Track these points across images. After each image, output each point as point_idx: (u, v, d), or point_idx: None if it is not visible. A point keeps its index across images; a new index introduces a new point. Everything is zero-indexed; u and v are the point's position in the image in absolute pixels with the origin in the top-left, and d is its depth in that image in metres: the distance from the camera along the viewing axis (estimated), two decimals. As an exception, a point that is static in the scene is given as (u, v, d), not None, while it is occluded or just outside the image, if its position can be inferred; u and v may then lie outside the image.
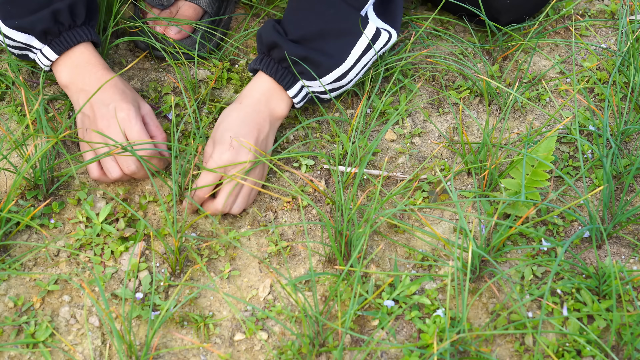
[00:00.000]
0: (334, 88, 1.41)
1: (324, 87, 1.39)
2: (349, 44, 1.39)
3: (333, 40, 1.38)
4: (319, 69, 1.37)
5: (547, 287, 1.14)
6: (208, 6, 1.59)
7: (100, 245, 1.32)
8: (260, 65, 1.38)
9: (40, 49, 1.37)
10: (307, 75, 1.38)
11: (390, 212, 1.27)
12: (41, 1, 1.34)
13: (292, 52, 1.35)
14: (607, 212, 1.36)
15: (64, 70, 1.37)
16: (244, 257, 1.32)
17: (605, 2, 1.76)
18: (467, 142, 1.41)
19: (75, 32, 1.37)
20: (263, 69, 1.38)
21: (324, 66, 1.37)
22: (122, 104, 1.33)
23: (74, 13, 1.36)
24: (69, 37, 1.36)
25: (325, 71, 1.38)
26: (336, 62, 1.38)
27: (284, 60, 1.36)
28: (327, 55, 1.37)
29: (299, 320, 1.24)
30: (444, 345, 1.11)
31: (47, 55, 1.37)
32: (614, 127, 1.48)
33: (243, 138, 1.31)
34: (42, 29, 1.34)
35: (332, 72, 1.38)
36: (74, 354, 1.20)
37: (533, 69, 1.62)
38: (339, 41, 1.38)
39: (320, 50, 1.37)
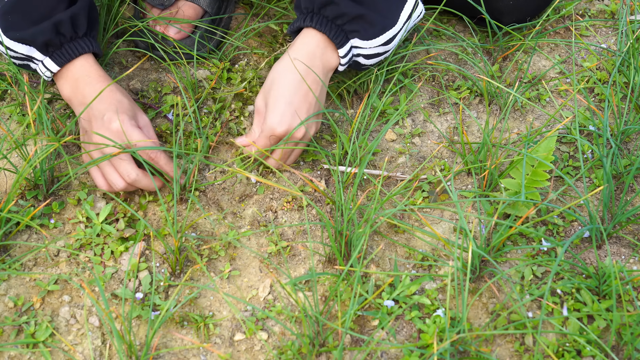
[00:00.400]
0: (378, 53, 1.40)
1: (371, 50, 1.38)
2: (399, 5, 1.38)
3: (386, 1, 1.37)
4: (374, 29, 1.36)
5: (547, 287, 1.14)
6: (208, 6, 1.59)
7: (100, 245, 1.32)
8: (312, 23, 1.35)
9: (41, 61, 1.36)
10: (361, 34, 1.36)
11: (390, 212, 1.27)
12: (43, 12, 1.33)
13: (349, 10, 1.33)
14: (607, 212, 1.36)
15: (66, 85, 1.37)
16: (244, 257, 1.32)
17: (605, 2, 1.76)
18: (467, 142, 1.41)
19: (77, 43, 1.36)
20: (315, 26, 1.35)
21: (378, 26, 1.36)
22: (115, 114, 1.31)
23: (76, 24, 1.35)
24: (70, 49, 1.35)
25: (380, 31, 1.36)
26: (390, 22, 1.37)
27: (338, 17, 1.34)
28: (381, 15, 1.36)
29: (299, 320, 1.24)
30: (444, 345, 1.11)
31: (49, 67, 1.36)
32: (614, 127, 1.48)
33: (297, 106, 1.32)
34: (44, 40, 1.33)
35: (385, 33, 1.37)
36: (74, 354, 1.20)
37: (533, 69, 1.62)
38: (390, 2, 1.37)
39: (375, 10, 1.35)
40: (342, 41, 1.36)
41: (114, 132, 1.31)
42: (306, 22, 1.36)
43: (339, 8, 1.34)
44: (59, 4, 1.34)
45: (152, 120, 1.50)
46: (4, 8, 1.32)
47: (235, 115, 1.50)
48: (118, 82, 1.52)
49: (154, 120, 1.50)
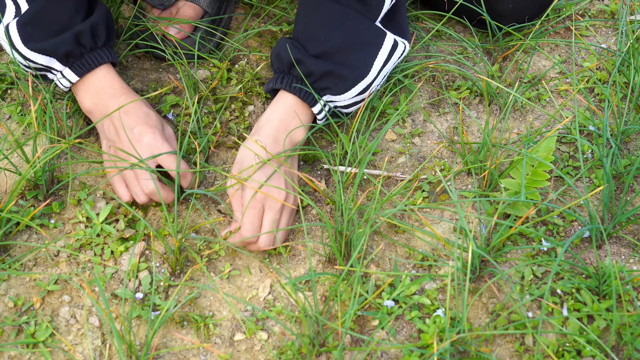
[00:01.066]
0: (356, 102, 1.38)
1: (347, 101, 1.37)
2: (371, 55, 1.36)
3: (355, 52, 1.35)
4: (345, 83, 1.34)
5: (547, 287, 1.14)
6: (208, 6, 1.59)
7: (100, 246, 1.32)
8: (282, 84, 1.35)
9: (60, 71, 1.36)
10: (332, 90, 1.35)
11: (390, 212, 1.27)
12: (62, 23, 1.33)
13: (317, 68, 1.33)
14: (607, 212, 1.36)
15: (87, 96, 1.36)
16: (244, 257, 1.32)
17: (605, 2, 1.76)
18: (467, 142, 1.41)
19: (97, 53, 1.36)
20: (285, 88, 1.34)
21: (350, 79, 1.34)
22: (146, 127, 1.32)
23: (95, 34, 1.35)
24: (90, 59, 1.35)
25: (352, 84, 1.35)
26: (361, 73, 1.35)
27: (308, 76, 1.33)
28: (351, 68, 1.34)
29: (299, 320, 1.24)
30: (444, 345, 1.11)
31: (68, 77, 1.36)
32: (614, 127, 1.48)
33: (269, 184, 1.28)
34: (65, 51, 1.33)
35: (357, 85, 1.35)
36: (74, 354, 1.20)
37: (533, 69, 1.62)
38: (362, 52, 1.35)
39: (344, 64, 1.34)
40: (314, 100, 1.35)
41: (145, 145, 1.31)
42: (277, 84, 1.36)
43: (306, 67, 1.33)
44: (77, 15, 1.34)
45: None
46: (23, 19, 1.32)
47: (235, 115, 1.50)
48: None
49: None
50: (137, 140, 1.31)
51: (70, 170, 1.35)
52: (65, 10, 1.33)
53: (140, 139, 1.31)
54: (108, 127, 1.35)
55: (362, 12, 1.35)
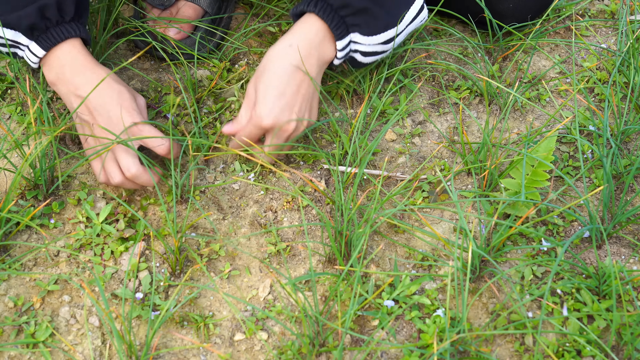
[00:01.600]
0: (376, 51, 1.36)
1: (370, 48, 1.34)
2: (405, 5, 1.34)
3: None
4: (376, 25, 1.32)
5: (547, 287, 1.14)
6: (208, 6, 1.59)
7: (100, 245, 1.32)
8: (316, 9, 1.30)
9: (27, 46, 1.34)
10: (361, 28, 1.32)
11: (390, 212, 1.27)
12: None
13: (355, 1, 1.29)
14: (607, 212, 1.36)
15: (51, 71, 1.34)
16: (244, 257, 1.32)
17: (605, 2, 1.76)
18: (467, 142, 1.41)
19: (64, 27, 1.33)
20: (318, 13, 1.30)
21: (382, 22, 1.32)
22: (124, 112, 1.31)
23: (62, 9, 1.33)
24: (56, 32, 1.33)
25: (383, 28, 1.32)
26: (394, 20, 1.33)
27: (342, 7, 1.29)
28: (386, 11, 1.32)
29: (299, 320, 1.24)
30: (444, 345, 1.11)
31: (34, 52, 1.34)
32: (614, 127, 1.48)
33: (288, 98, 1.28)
34: (29, 24, 1.31)
35: (387, 32, 1.33)
36: (74, 354, 1.20)
37: (533, 69, 1.62)
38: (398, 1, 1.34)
39: (380, 4, 1.31)
40: (342, 33, 1.31)
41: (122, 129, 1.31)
42: (309, 7, 1.31)
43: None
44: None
45: (152, 121, 1.50)
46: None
47: (235, 116, 1.50)
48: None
49: (153, 121, 1.50)
50: (115, 124, 1.31)
51: (58, 163, 1.34)
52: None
53: (118, 124, 1.31)
54: (81, 110, 1.33)
55: None
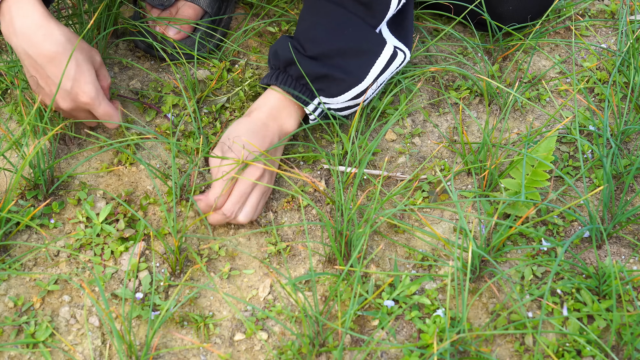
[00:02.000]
0: (349, 106, 1.40)
1: (340, 105, 1.38)
2: (368, 63, 1.37)
3: (353, 59, 1.36)
4: (339, 87, 1.36)
5: (547, 287, 1.14)
6: (208, 6, 1.59)
7: (100, 245, 1.32)
8: (277, 82, 1.36)
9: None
10: (325, 92, 1.36)
11: (390, 212, 1.27)
12: None
13: (312, 69, 1.34)
14: (607, 212, 1.36)
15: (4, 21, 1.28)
16: (244, 257, 1.32)
17: (605, 2, 1.76)
18: (467, 142, 1.41)
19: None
20: (280, 85, 1.36)
21: (344, 84, 1.35)
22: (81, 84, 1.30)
23: None
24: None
25: (346, 88, 1.36)
26: (356, 80, 1.36)
27: (302, 77, 1.35)
28: (347, 73, 1.35)
29: (299, 320, 1.24)
30: (444, 345, 1.11)
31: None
32: (614, 127, 1.48)
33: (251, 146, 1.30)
34: None
35: (351, 90, 1.36)
36: (74, 354, 1.20)
37: (533, 69, 1.62)
38: (359, 60, 1.36)
39: (340, 68, 1.35)
40: (307, 99, 1.36)
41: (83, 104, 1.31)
42: (271, 79, 1.37)
43: (302, 68, 1.34)
44: None
45: (152, 120, 1.50)
46: None
47: (235, 116, 1.50)
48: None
49: (154, 120, 1.50)
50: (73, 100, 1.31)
51: (44, 162, 1.35)
52: None
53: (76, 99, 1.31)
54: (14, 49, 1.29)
55: (365, 17, 1.35)
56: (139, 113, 1.51)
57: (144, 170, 1.42)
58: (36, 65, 1.29)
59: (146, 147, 1.46)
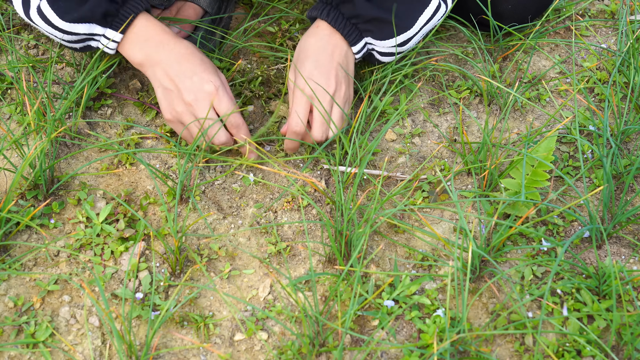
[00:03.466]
0: (392, 52, 1.42)
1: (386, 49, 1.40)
2: (418, 9, 1.39)
3: (405, 3, 1.37)
4: (388, 32, 1.37)
5: (547, 287, 1.14)
6: (208, 6, 1.59)
7: (100, 245, 1.32)
8: (328, 18, 1.37)
9: (102, 34, 1.36)
10: (375, 34, 1.38)
11: (390, 212, 1.27)
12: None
13: (366, 11, 1.35)
14: (607, 212, 1.36)
15: (135, 50, 1.36)
16: (244, 257, 1.32)
17: (605, 2, 1.76)
18: (467, 142, 1.41)
19: (130, 4, 1.35)
20: (331, 22, 1.37)
21: (392, 29, 1.37)
22: (206, 75, 1.33)
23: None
24: (126, 12, 1.35)
25: (394, 34, 1.38)
26: (405, 26, 1.38)
27: (354, 17, 1.36)
28: (397, 18, 1.37)
29: (299, 320, 1.24)
30: (444, 345, 1.11)
31: (112, 37, 1.35)
32: (614, 127, 1.48)
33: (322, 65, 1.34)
34: (102, 12, 1.33)
35: (400, 35, 1.38)
36: (74, 354, 1.20)
37: (533, 69, 1.62)
38: (411, 5, 1.38)
39: (391, 12, 1.36)
40: (355, 39, 1.38)
41: (206, 93, 1.33)
42: (323, 15, 1.38)
43: (355, 8, 1.35)
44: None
45: (152, 120, 1.50)
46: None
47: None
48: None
49: (154, 120, 1.50)
50: (198, 89, 1.32)
51: (44, 162, 1.35)
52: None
53: (201, 87, 1.32)
54: (161, 76, 1.35)
55: None
56: (139, 113, 1.51)
57: (144, 170, 1.42)
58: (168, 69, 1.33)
59: (147, 146, 1.46)
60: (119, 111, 1.51)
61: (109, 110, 1.51)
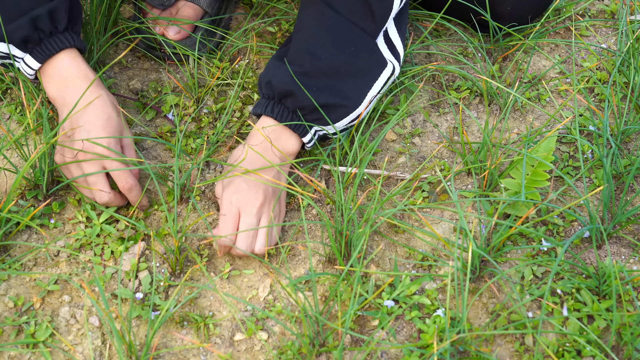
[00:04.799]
0: (346, 128, 1.38)
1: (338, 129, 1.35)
2: (366, 84, 1.34)
3: (351, 79, 1.32)
4: (337, 114, 1.33)
5: (547, 287, 1.14)
6: (208, 6, 1.59)
7: (100, 245, 1.32)
8: (273, 114, 1.32)
9: (22, 58, 1.32)
10: (323, 121, 1.33)
11: (390, 212, 1.27)
12: (20, 8, 1.28)
13: (309, 102, 1.30)
14: (607, 212, 1.36)
15: (51, 85, 1.32)
16: (244, 257, 1.32)
17: (605, 2, 1.76)
18: (467, 142, 1.42)
19: (58, 38, 1.31)
20: (276, 117, 1.32)
21: (343, 110, 1.33)
22: (102, 133, 1.28)
23: (55, 19, 1.30)
24: (50, 44, 1.30)
25: (343, 115, 1.34)
26: (354, 105, 1.33)
27: (300, 109, 1.31)
28: (345, 99, 1.32)
29: (299, 320, 1.24)
30: (444, 345, 1.11)
31: (30, 64, 1.32)
32: (614, 127, 1.48)
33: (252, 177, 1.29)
34: (22, 37, 1.28)
35: (349, 115, 1.34)
36: (74, 354, 1.20)
37: (533, 69, 1.62)
38: (357, 80, 1.33)
39: (339, 92, 1.32)
40: (304, 130, 1.33)
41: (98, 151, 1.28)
42: (266, 110, 1.33)
43: (298, 101, 1.30)
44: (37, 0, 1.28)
45: (152, 120, 1.50)
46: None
47: (236, 116, 1.50)
48: (116, 82, 1.52)
49: (154, 121, 1.50)
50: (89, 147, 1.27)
51: (45, 162, 1.34)
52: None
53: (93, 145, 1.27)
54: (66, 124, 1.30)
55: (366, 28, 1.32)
56: (139, 113, 1.51)
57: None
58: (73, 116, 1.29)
59: (147, 146, 1.46)
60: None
61: (109, 110, 1.51)
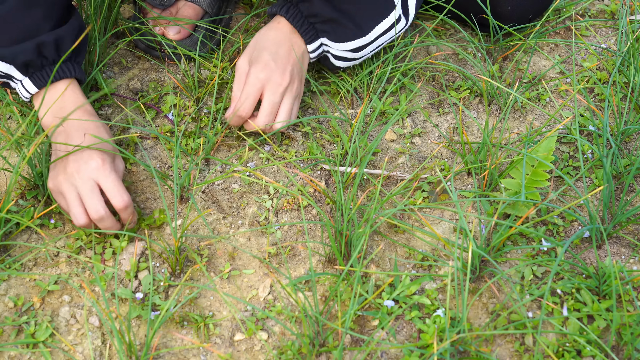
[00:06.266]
0: (346, 57, 1.43)
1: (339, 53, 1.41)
2: (377, 17, 1.40)
3: (365, 8, 1.39)
4: (343, 35, 1.39)
5: (547, 287, 1.14)
6: (208, 6, 1.59)
7: (100, 245, 1.32)
8: (287, 15, 1.39)
9: (20, 80, 1.32)
10: (330, 35, 1.40)
11: (390, 212, 1.27)
12: (27, 31, 1.28)
13: (323, 11, 1.37)
14: (607, 212, 1.36)
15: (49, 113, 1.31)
16: (244, 257, 1.32)
17: (605, 2, 1.76)
18: (467, 142, 1.42)
19: (60, 68, 1.31)
20: (289, 19, 1.39)
21: (348, 33, 1.39)
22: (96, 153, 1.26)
23: (60, 48, 1.31)
24: (51, 71, 1.30)
25: (350, 37, 1.40)
26: (361, 32, 1.40)
27: (312, 16, 1.38)
28: (354, 23, 1.39)
29: (299, 320, 1.24)
30: (444, 345, 1.11)
31: (27, 88, 1.32)
32: (614, 127, 1.48)
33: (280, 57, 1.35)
34: (24, 60, 1.29)
35: (354, 41, 1.40)
36: (74, 354, 1.20)
37: (533, 69, 1.62)
38: (370, 11, 1.39)
39: (349, 15, 1.38)
40: (311, 38, 1.40)
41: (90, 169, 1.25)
42: (282, 11, 1.40)
43: (313, 7, 1.38)
44: (44, 24, 1.29)
45: (152, 120, 1.50)
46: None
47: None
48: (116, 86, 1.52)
49: (154, 120, 1.50)
50: (84, 162, 1.25)
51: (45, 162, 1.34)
52: (32, 17, 1.28)
53: (87, 162, 1.25)
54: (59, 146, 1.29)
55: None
56: (139, 113, 1.51)
57: (144, 170, 1.42)
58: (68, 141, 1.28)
59: (146, 146, 1.46)
60: (119, 111, 1.51)
61: (109, 109, 1.51)
